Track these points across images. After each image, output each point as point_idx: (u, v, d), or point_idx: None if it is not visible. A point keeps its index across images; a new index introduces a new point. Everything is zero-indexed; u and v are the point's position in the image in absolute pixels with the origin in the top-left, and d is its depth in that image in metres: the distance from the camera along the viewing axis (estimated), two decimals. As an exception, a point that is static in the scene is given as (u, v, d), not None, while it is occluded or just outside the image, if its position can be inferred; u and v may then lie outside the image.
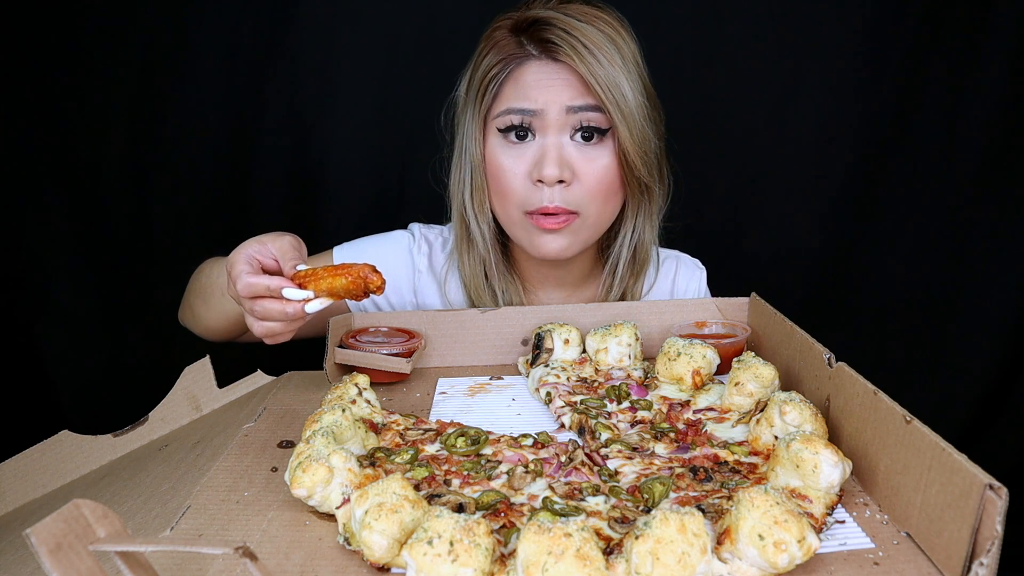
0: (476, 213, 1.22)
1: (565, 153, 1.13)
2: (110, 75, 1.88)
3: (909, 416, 0.69)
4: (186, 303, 1.25)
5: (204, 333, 1.25)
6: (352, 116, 1.95)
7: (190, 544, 0.52)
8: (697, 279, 1.38)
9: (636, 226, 1.23)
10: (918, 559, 0.64)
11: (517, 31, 1.15)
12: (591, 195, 1.14)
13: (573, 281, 1.31)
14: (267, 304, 0.90)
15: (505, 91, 1.15)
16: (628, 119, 1.11)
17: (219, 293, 1.13)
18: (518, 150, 1.15)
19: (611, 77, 1.09)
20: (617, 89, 1.10)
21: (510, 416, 0.99)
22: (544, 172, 1.11)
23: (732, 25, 1.97)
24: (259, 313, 0.90)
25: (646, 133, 1.14)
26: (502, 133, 1.15)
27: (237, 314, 1.13)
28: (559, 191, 1.13)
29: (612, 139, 1.14)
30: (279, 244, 0.93)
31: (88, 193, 1.94)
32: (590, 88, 1.10)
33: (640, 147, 1.13)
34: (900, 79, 2.00)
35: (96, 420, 1.24)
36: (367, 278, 0.88)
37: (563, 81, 1.11)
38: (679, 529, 0.59)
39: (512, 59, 1.14)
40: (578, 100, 1.11)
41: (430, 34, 1.90)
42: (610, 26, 1.13)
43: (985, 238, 2.10)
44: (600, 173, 1.14)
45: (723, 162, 2.04)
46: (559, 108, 1.11)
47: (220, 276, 1.11)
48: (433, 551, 0.59)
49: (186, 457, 0.95)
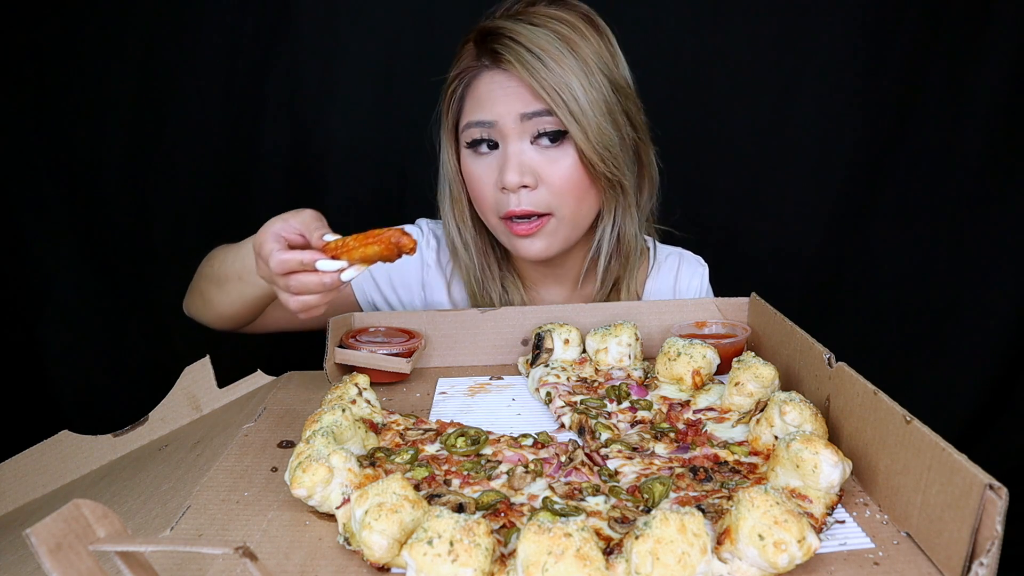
0: (458, 224, 1.25)
1: (526, 159, 1.14)
2: (110, 75, 1.88)
3: (909, 416, 0.69)
4: (196, 291, 1.23)
5: (215, 321, 1.23)
6: (352, 116, 1.95)
7: (190, 544, 0.52)
8: (699, 276, 1.39)
9: (615, 219, 1.24)
10: (918, 559, 0.64)
11: (476, 43, 1.18)
12: (560, 196, 1.16)
13: (572, 278, 1.31)
14: (302, 278, 0.90)
15: (466, 105, 1.18)
16: (581, 119, 1.11)
17: (236, 278, 1.12)
18: (486, 160, 1.17)
19: (558, 80, 1.10)
20: (567, 91, 1.10)
21: (510, 416, 0.99)
22: (505, 179, 1.13)
23: (732, 25, 1.97)
24: (295, 287, 0.91)
25: (605, 131, 1.13)
26: (468, 147, 1.18)
27: (255, 298, 1.13)
28: (526, 195, 1.14)
29: (569, 141, 1.14)
30: (301, 218, 0.94)
31: (88, 193, 1.94)
32: (536, 95, 1.11)
33: (598, 145, 1.13)
34: (900, 79, 2.00)
35: (96, 420, 1.24)
36: (399, 243, 0.88)
37: (513, 89, 1.13)
38: (679, 529, 0.59)
39: (468, 72, 1.18)
40: (530, 107, 1.12)
41: (430, 34, 1.90)
42: (567, 26, 1.13)
43: (985, 238, 2.10)
44: (564, 174, 1.14)
45: (723, 162, 2.05)
46: (513, 117, 1.13)
47: (237, 261, 1.11)
48: (433, 551, 0.59)
49: (186, 457, 0.95)
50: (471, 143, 1.17)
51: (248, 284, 1.10)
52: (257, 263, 0.95)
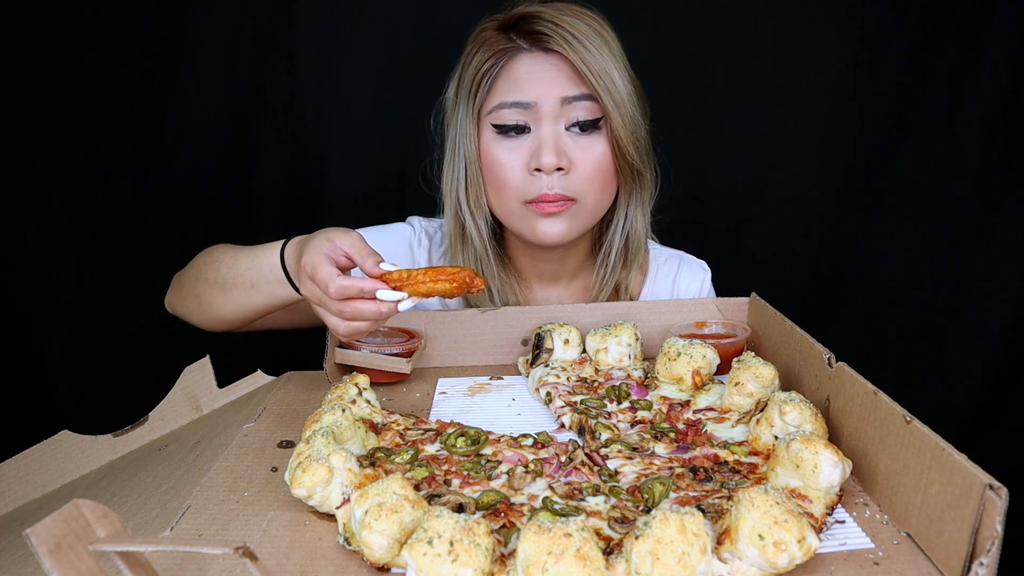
0: (472, 209, 1.23)
1: (561, 142, 1.15)
2: (110, 75, 1.88)
3: (909, 416, 0.69)
4: (189, 292, 1.18)
5: (208, 322, 1.18)
6: (352, 116, 1.95)
7: (190, 544, 0.52)
8: (700, 280, 1.37)
9: (628, 215, 1.26)
10: (918, 559, 0.64)
11: (505, 29, 1.17)
12: (588, 181, 1.17)
13: (568, 274, 1.31)
14: (359, 305, 0.90)
15: (498, 86, 1.17)
16: (620, 107, 1.14)
17: (247, 285, 1.08)
18: (514, 143, 1.16)
19: (602, 65, 1.12)
20: (608, 77, 1.13)
21: (510, 416, 0.99)
22: (542, 160, 1.13)
23: (732, 25, 1.97)
24: (349, 314, 0.90)
25: (637, 119, 1.17)
26: (497, 129, 1.17)
27: (264, 307, 1.09)
28: (557, 179, 1.14)
29: (605, 127, 1.16)
30: (350, 242, 0.93)
31: (88, 193, 1.94)
32: (583, 77, 1.13)
33: (632, 133, 1.16)
34: (900, 79, 2.00)
35: (96, 420, 1.24)
36: (471, 283, 0.90)
37: (556, 71, 1.14)
38: (679, 529, 0.59)
39: (503, 54, 1.16)
40: (572, 90, 1.14)
41: (430, 34, 1.90)
42: (595, 20, 1.16)
43: (985, 238, 2.10)
44: (596, 160, 1.16)
45: (723, 162, 2.04)
46: (554, 100, 1.14)
47: (252, 269, 1.06)
48: (433, 551, 0.59)
49: (186, 457, 0.95)
50: (500, 126, 1.16)
51: (261, 293, 1.07)
52: (302, 281, 0.94)
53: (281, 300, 1.05)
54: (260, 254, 1.06)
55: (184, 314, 1.22)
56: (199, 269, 1.17)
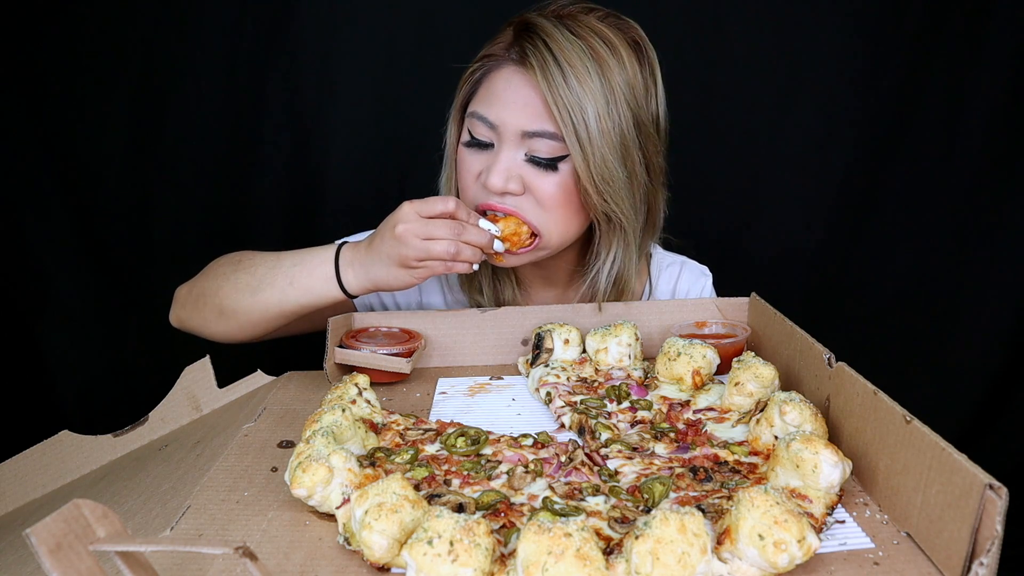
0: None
1: (517, 168, 1.10)
2: (110, 75, 1.88)
3: (909, 416, 0.69)
4: (206, 301, 1.14)
5: (225, 332, 1.15)
6: (352, 116, 1.95)
7: (190, 544, 0.52)
8: (701, 285, 1.37)
9: (615, 256, 1.19)
10: (918, 559, 0.64)
11: (515, 32, 1.13)
12: (546, 211, 1.11)
13: (562, 280, 1.30)
14: (471, 229, 1.02)
15: (480, 92, 1.14)
16: (585, 146, 1.06)
17: (286, 283, 1.07)
18: (476, 155, 1.14)
19: (575, 99, 1.05)
20: (579, 112, 1.05)
21: (510, 416, 0.99)
22: (489, 180, 1.10)
23: (732, 25, 1.97)
24: (458, 233, 1.01)
25: (609, 163, 1.08)
26: (469, 135, 1.14)
27: (291, 309, 1.09)
28: (510, 200, 1.11)
29: (569, 162, 1.10)
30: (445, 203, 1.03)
31: (88, 193, 1.94)
32: (549, 111, 1.06)
33: (597, 175, 1.08)
34: (900, 79, 2.00)
35: (96, 420, 1.24)
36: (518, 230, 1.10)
37: (525, 97, 1.08)
38: (679, 529, 0.59)
39: (492, 59, 1.14)
40: (534, 125, 1.08)
41: (430, 34, 1.90)
42: (608, 45, 1.08)
43: (985, 238, 2.10)
44: (553, 192, 1.10)
45: (723, 162, 2.04)
46: (515, 130, 1.09)
47: (296, 266, 1.07)
48: (433, 551, 0.59)
49: (186, 457, 0.95)
50: (471, 134, 1.13)
51: (297, 289, 1.07)
52: (395, 225, 1.00)
53: (316, 300, 1.07)
54: (308, 251, 1.10)
55: (197, 326, 1.18)
56: (222, 275, 1.14)
